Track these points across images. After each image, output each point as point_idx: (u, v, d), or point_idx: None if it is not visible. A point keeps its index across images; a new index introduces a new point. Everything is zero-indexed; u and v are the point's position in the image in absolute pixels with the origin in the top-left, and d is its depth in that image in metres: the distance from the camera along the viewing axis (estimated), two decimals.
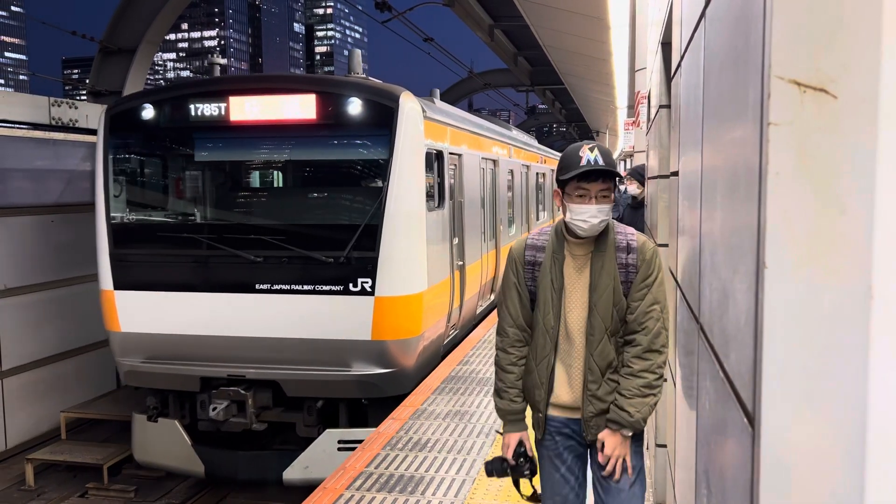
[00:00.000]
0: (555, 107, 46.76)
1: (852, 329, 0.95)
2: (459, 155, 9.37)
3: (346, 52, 9.54)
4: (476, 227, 10.33)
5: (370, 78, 8.10)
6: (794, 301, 1.00)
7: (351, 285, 6.96)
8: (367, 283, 6.93)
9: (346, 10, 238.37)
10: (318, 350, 7.03)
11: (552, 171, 21.05)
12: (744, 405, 1.24)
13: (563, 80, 26.67)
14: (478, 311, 10.88)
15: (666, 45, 4.13)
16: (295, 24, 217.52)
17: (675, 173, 3.23)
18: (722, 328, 1.57)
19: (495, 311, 11.25)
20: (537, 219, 18.00)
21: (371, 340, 6.98)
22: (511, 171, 13.93)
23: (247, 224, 7.58)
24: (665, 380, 2.92)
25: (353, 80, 7.66)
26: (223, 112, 7.32)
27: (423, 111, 7.54)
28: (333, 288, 6.99)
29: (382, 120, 7.11)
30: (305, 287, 7.06)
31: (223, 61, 8.97)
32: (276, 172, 8.43)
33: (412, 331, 7.22)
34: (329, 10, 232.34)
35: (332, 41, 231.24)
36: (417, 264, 7.26)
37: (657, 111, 4.69)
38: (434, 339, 8.03)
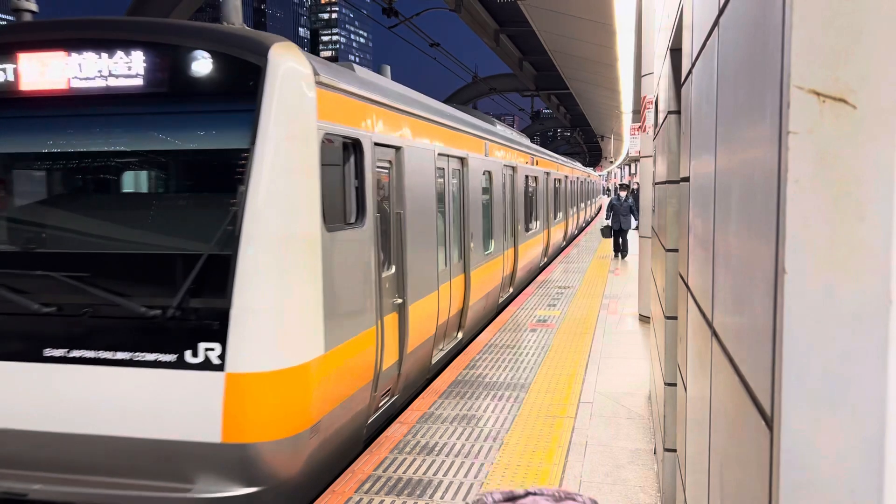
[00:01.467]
0: (560, 111, 46.84)
1: (871, 333, 0.98)
2: (397, 148, 6.73)
3: (351, 57, 7.71)
4: (428, 248, 7.67)
5: (242, 25, 5.30)
6: (814, 305, 1.02)
7: (188, 354, 4.45)
8: (213, 350, 4.43)
9: (352, 15, 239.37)
10: (140, 455, 4.55)
11: (546, 174, 18.56)
12: (761, 408, 1.26)
13: (569, 84, 26.74)
14: (434, 361, 8.13)
15: (675, 52, 4.16)
16: (300, 29, 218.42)
17: (686, 179, 3.25)
18: (737, 332, 1.59)
19: (478, 338, 9.93)
20: (526, 230, 14.96)
21: (222, 444, 4.44)
22: (489, 174, 11.17)
23: (28, 253, 4.86)
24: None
25: (197, 26, 4.91)
26: (7, 76, 4.90)
27: (317, 74, 4.95)
28: (161, 358, 4.50)
29: (241, 85, 4.63)
30: (118, 355, 4.55)
31: (35, 7, 5.97)
32: (76, 171, 5.23)
33: (295, 424, 4.64)
34: (334, 15, 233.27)
35: (338, 46, 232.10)
36: (304, 315, 4.72)
37: (665, 116, 4.72)
38: (344, 423, 5.38)
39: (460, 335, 9.49)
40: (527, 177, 15.18)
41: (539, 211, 17.09)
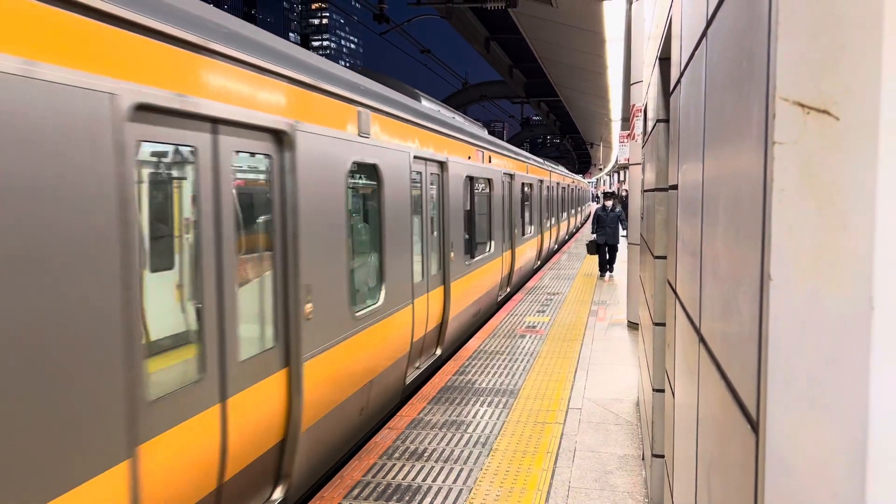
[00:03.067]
0: (549, 119, 47.00)
1: (854, 338, 1.00)
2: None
3: (341, 62, 6.23)
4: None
5: None
6: (798, 312, 1.05)
7: None
8: None
9: (342, 21, 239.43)
10: None
11: (510, 176, 14.31)
12: (747, 412, 1.28)
13: (558, 92, 26.86)
14: None
15: (664, 61, 4.19)
16: (290, 34, 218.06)
17: (674, 187, 3.28)
18: (724, 338, 1.61)
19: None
20: (472, 256, 10.89)
21: None
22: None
23: None
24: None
25: None
26: None
27: None
28: None
29: None
30: None
31: None
32: None
33: None
34: (325, 21, 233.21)
35: (328, 51, 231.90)
36: None
37: (654, 125, 4.75)
38: None
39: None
40: (472, 179, 10.92)
41: (496, 228, 12.69)
